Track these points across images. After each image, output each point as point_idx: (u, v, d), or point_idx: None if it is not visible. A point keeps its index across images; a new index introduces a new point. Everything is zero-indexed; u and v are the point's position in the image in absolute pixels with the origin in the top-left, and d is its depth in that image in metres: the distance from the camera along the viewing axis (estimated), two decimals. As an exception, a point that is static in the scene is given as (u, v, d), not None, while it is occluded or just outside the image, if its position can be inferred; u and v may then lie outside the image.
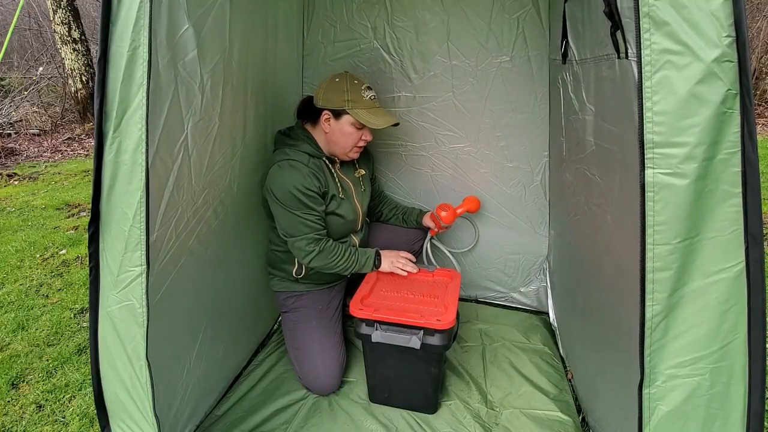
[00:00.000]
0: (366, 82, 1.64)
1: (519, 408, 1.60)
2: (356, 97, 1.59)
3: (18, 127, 6.30)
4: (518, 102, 1.98)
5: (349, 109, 1.58)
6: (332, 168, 1.69)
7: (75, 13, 6.29)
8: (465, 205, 1.96)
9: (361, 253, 1.67)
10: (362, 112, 1.58)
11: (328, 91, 1.61)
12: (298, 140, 1.64)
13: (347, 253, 1.64)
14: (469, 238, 2.19)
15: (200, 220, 1.36)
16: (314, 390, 1.66)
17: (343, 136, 1.62)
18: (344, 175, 1.75)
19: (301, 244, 1.57)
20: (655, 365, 0.94)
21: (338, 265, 1.62)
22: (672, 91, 0.83)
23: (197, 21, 1.18)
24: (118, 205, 1.07)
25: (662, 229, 0.88)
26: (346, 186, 1.74)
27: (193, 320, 1.42)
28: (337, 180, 1.69)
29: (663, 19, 0.82)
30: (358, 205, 1.76)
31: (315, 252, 1.57)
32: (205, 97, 1.27)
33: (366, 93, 1.61)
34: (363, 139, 1.66)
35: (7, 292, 2.50)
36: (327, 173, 1.66)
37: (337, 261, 1.61)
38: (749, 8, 6.43)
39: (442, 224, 1.91)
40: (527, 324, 2.09)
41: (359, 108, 1.58)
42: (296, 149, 1.62)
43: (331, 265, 1.61)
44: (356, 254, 1.66)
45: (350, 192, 1.74)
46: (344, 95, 1.59)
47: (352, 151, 1.67)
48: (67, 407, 1.68)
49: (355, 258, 1.65)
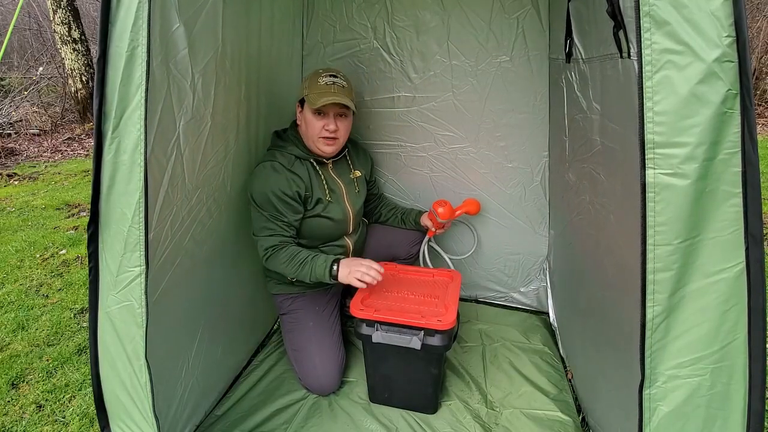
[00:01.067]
0: (333, 71, 1.63)
1: (519, 408, 1.60)
2: (312, 83, 1.59)
3: (18, 127, 6.29)
4: (518, 102, 1.98)
5: (305, 96, 1.59)
6: (320, 169, 1.68)
7: (75, 13, 6.29)
8: (464, 207, 1.94)
9: (318, 262, 1.51)
10: (312, 96, 1.57)
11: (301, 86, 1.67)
12: (287, 142, 1.66)
13: (302, 259, 1.52)
14: (468, 244, 2.18)
15: (195, 219, 1.36)
16: (314, 390, 1.66)
17: (308, 126, 1.62)
18: (337, 176, 1.74)
19: (261, 244, 1.56)
20: (656, 366, 0.94)
21: (289, 271, 1.52)
22: (673, 91, 0.83)
23: (188, 19, 1.18)
24: (117, 205, 1.07)
25: (663, 230, 0.88)
26: (336, 187, 1.72)
27: (191, 320, 1.42)
28: (324, 182, 1.67)
29: (664, 18, 0.82)
30: (348, 207, 1.74)
31: (268, 255, 1.55)
32: (196, 95, 1.26)
33: (323, 79, 1.58)
34: (325, 128, 1.60)
35: (7, 292, 2.50)
36: (313, 175, 1.65)
37: (288, 267, 1.52)
38: (749, 8, 6.43)
39: (439, 220, 1.86)
40: (527, 324, 2.09)
41: (312, 93, 1.58)
42: (284, 151, 1.63)
43: (283, 269, 1.54)
44: (312, 262, 1.51)
45: (340, 193, 1.73)
46: (304, 83, 1.62)
47: (320, 142, 1.62)
48: (67, 407, 1.68)
49: (311, 266, 1.50)
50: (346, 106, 1.60)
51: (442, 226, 1.91)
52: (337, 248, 1.74)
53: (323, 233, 1.70)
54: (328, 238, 1.72)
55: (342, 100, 1.57)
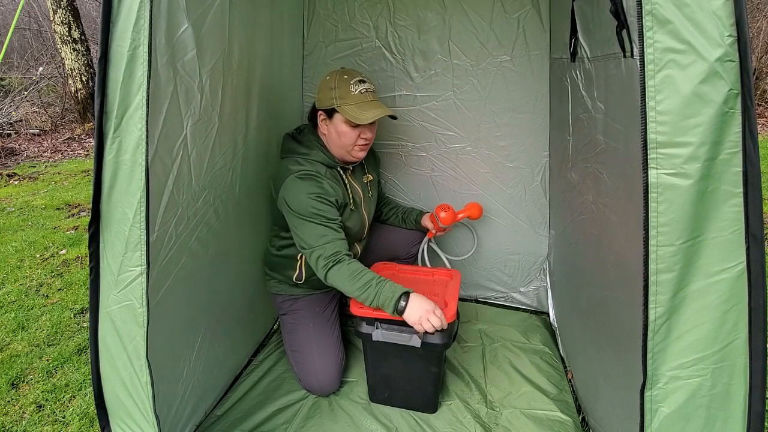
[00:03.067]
0: (358, 75, 1.56)
1: (519, 408, 1.60)
2: (344, 93, 1.51)
3: (18, 127, 6.30)
4: (518, 102, 1.98)
5: (338, 106, 1.51)
6: (345, 177, 1.63)
7: (75, 13, 6.28)
8: (467, 211, 1.92)
9: (384, 290, 1.37)
10: (350, 108, 1.50)
11: (320, 90, 1.58)
12: (311, 148, 1.58)
13: (366, 281, 1.39)
14: (468, 245, 2.18)
15: (201, 220, 1.36)
16: (314, 391, 1.66)
17: (339, 137, 1.55)
18: (356, 183, 1.69)
19: (319, 254, 1.43)
20: (657, 367, 0.94)
21: (351, 290, 1.41)
22: (675, 90, 0.83)
23: (196, 21, 1.18)
24: (119, 205, 1.06)
25: (666, 231, 0.88)
26: (357, 196, 1.67)
27: (193, 320, 1.42)
28: (349, 190, 1.63)
29: (666, 17, 0.82)
30: (365, 216, 1.71)
31: (330, 266, 1.42)
32: (204, 97, 1.27)
33: (355, 87, 1.51)
34: (362, 137, 1.55)
35: (7, 292, 2.50)
36: (340, 182, 1.60)
37: (351, 284, 1.40)
38: (749, 8, 6.44)
39: (441, 225, 1.85)
40: (527, 324, 2.08)
41: (347, 104, 1.50)
42: (310, 159, 1.56)
43: (343, 285, 1.42)
44: (378, 287, 1.38)
45: (359, 201, 1.67)
46: (332, 92, 1.52)
47: (355, 149, 1.57)
48: (67, 407, 1.68)
49: (375, 292, 1.38)
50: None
51: (443, 229, 1.91)
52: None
53: None
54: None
55: (387, 111, 1.52)
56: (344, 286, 1.42)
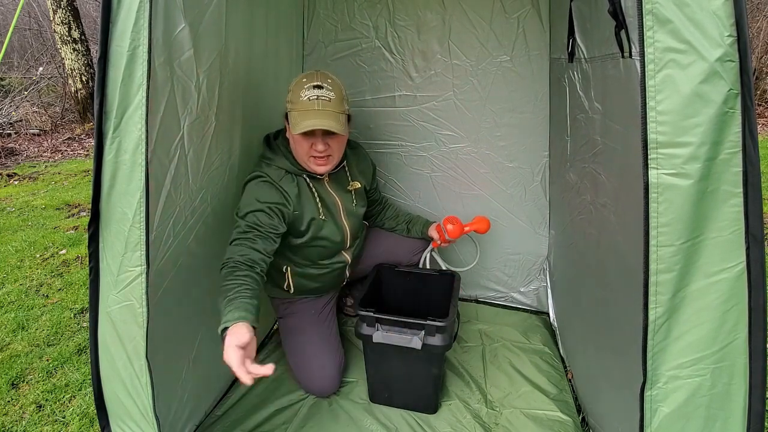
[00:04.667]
0: (319, 80, 1.40)
1: (519, 408, 1.60)
2: (295, 98, 1.39)
3: (18, 127, 6.30)
4: (518, 102, 1.98)
5: (288, 111, 1.42)
6: (312, 185, 1.53)
7: (75, 13, 6.28)
8: (474, 224, 1.87)
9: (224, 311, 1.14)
10: (294, 115, 1.38)
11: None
12: (276, 154, 1.51)
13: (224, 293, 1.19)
14: (470, 257, 2.14)
15: (198, 219, 1.35)
16: (314, 393, 1.66)
17: (294, 144, 1.44)
18: (333, 191, 1.60)
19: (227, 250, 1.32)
20: (657, 367, 0.94)
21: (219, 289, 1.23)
22: (675, 90, 0.83)
23: (193, 20, 1.18)
24: (118, 205, 1.07)
25: (666, 231, 0.88)
26: (332, 204, 1.58)
27: (192, 320, 1.42)
28: (318, 199, 1.53)
29: (666, 16, 0.82)
30: (345, 224, 1.62)
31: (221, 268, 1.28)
32: (201, 96, 1.26)
33: (306, 93, 1.37)
34: (314, 148, 1.41)
35: (7, 292, 2.50)
36: (305, 192, 1.51)
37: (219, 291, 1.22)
38: (749, 8, 6.44)
39: (447, 238, 1.81)
40: (527, 324, 2.08)
41: (295, 110, 1.39)
42: (273, 164, 1.49)
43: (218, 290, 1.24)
44: (224, 306, 1.16)
45: (336, 210, 1.59)
46: (288, 94, 1.44)
47: (311, 161, 1.45)
48: (67, 407, 1.68)
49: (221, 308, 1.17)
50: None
51: (449, 241, 1.86)
52: (336, 264, 1.67)
53: (320, 254, 1.62)
54: (325, 257, 1.64)
55: (324, 124, 1.34)
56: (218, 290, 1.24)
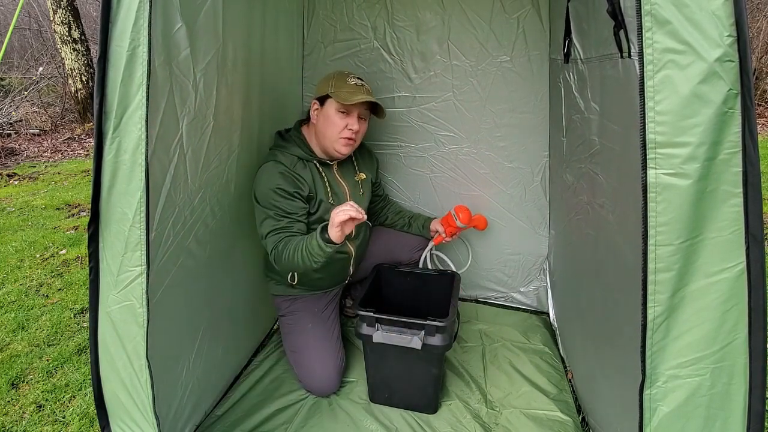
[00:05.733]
0: (357, 75, 1.65)
1: (519, 408, 1.60)
2: (340, 83, 1.59)
3: (18, 127, 6.29)
4: (518, 102, 1.98)
5: (331, 92, 1.57)
6: (323, 171, 1.66)
7: (75, 13, 6.28)
8: (476, 220, 1.94)
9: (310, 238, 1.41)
10: (341, 92, 1.56)
11: (319, 83, 1.67)
12: (289, 142, 1.64)
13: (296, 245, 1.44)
14: (462, 259, 2.17)
15: (198, 219, 1.36)
16: (314, 392, 1.66)
17: (327, 124, 1.59)
18: (342, 178, 1.72)
19: (267, 245, 1.51)
20: (656, 366, 0.94)
21: (295, 262, 1.44)
22: (674, 91, 0.83)
23: (189, 19, 1.18)
24: (118, 205, 1.06)
25: (664, 230, 0.88)
26: (339, 190, 1.70)
27: (192, 320, 1.42)
28: (327, 184, 1.65)
29: (665, 17, 0.82)
30: None
31: (274, 255, 1.49)
32: (198, 95, 1.26)
33: (351, 80, 1.60)
34: (348, 128, 1.58)
35: (7, 292, 2.50)
36: (316, 177, 1.63)
37: (293, 258, 1.43)
38: (749, 8, 6.44)
39: (458, 224, 1.85)
40: (527, 324, 2.08)
41: (343, 89, 1.57)
42: (285, 152, 1.61)
43: (290, 265, 1.45)
44: (306, 241, 1.41)
45: (343, 196, 1.70)
46: (329, 82, 1.61)
47: (339, 142, 1.59)
48: (67, 407, 1.68)
49: (304, 244, 1.41)
50: (369, 108, 1.64)
51: (453, 233, 1.89)
52: (339, 254, 1.70)
53: None
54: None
55: (375, 99, 1.60)
56: (290, 264, 1.45)
